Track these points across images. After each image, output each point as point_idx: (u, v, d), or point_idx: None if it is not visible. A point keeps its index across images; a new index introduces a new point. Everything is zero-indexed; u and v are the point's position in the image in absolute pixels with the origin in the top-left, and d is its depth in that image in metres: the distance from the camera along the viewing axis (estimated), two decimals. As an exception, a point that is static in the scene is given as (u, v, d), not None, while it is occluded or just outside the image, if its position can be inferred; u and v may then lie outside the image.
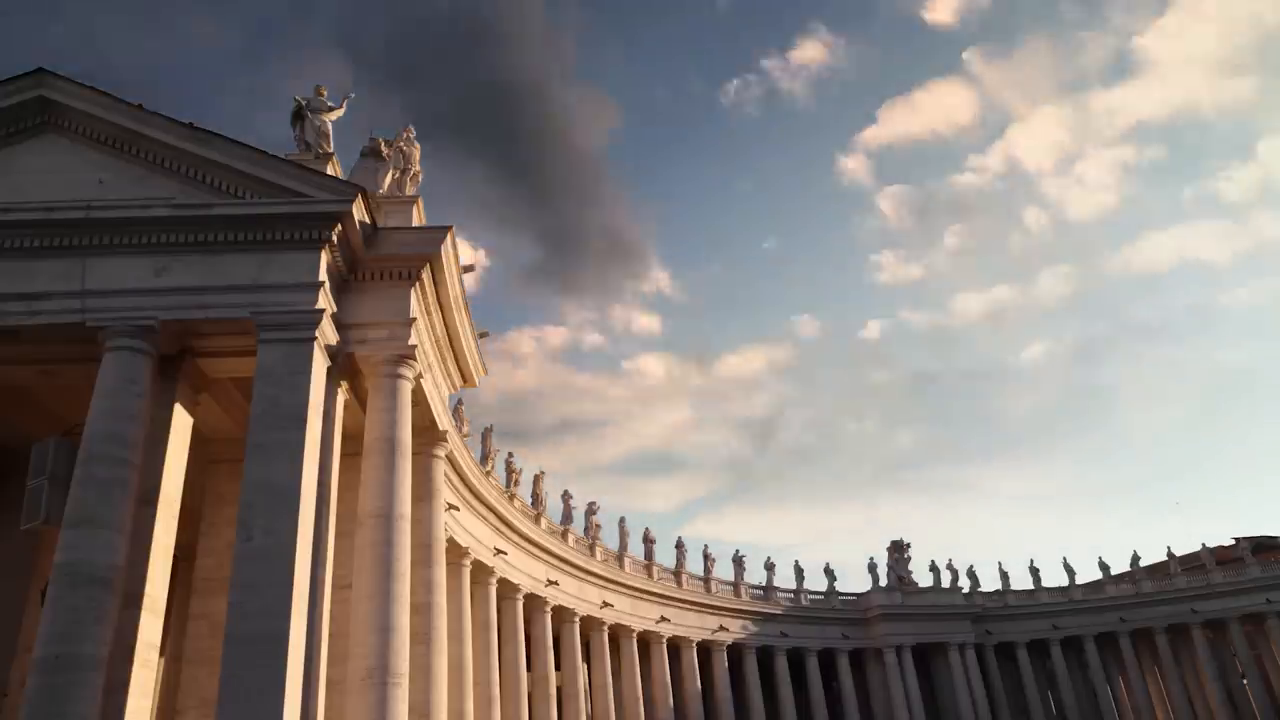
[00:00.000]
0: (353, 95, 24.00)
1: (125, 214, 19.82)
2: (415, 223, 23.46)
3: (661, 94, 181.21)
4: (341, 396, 21.70)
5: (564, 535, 52.91)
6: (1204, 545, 79.62)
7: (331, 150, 22.53)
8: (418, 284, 22.34)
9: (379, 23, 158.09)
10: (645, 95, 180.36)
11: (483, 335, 27.65)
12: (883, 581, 76.34)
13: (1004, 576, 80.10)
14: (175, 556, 20.10)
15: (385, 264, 22.05)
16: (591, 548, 56.01)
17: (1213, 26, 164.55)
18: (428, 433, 25.21)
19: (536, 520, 49.22)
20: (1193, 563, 79.03)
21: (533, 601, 47.97)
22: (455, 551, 36.80)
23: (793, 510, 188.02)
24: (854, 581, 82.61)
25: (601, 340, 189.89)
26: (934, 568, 78.16)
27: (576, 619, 52.38)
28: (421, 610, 22.70)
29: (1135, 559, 79.87)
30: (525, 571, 46.68)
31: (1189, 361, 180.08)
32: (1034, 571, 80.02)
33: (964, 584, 78.38)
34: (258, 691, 16.02)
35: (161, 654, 21.50)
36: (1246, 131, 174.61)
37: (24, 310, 19.40)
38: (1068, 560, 79.60)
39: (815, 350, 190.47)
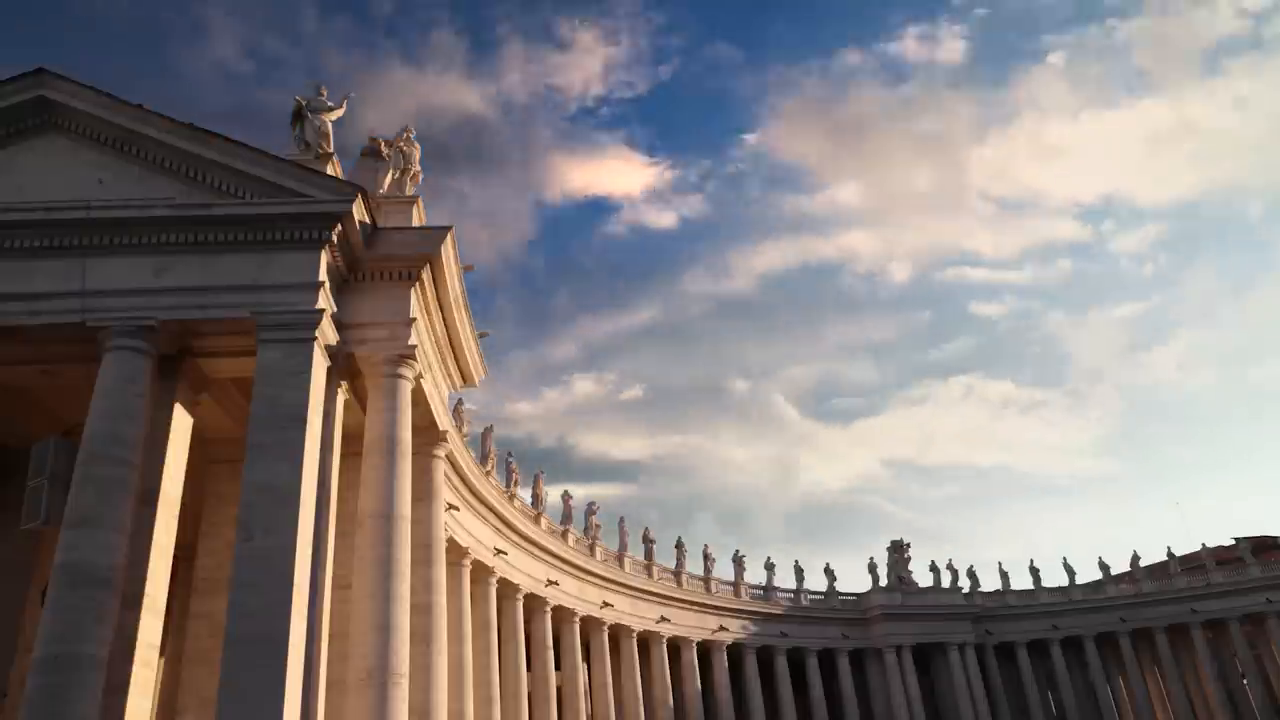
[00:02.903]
0: (353, 95, 24.00)
1: (125, 214, 19.84)
2: (415, 223, 23.46)
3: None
4: (341, 396, 21.70)
5: (564, 535, 52.90)
6: (1204, 545, 79.69)
7: (331, 150, 22.50)
8: (418, 284, 22.34)
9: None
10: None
11: (483, 335, 27.66)
12: (883, 581, 76.32)
13: (1004, 576, 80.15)
14: (175, 556, 20.11)
15: (385, 264, 22.05)
16: (591, 548, 55.99)
17: None
18: (428, 433, 25.20)
19: (536, 520, 49.21)
20: (1193, 563, 79.02)
21: (533, 601, 47.96)
22: (455, 551, 36.79)
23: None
24: (854, 581, 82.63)
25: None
26: (934, 568, 78.21)
27: (576, 619, 52.36)
28: (421, 610, 22.69)
29: (1135, 559, 79.85)
30: (525, 571, 46.67)
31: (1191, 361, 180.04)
32: (1034, 571, 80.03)
33: (964, 584, 78.37)
34: (258, 691, 16.02)
35: (161, 654, 21.49)
36: None
37: (24, 310, 19.40)
38: (1068, 560, 79.77)
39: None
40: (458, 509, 37.22)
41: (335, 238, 20.43)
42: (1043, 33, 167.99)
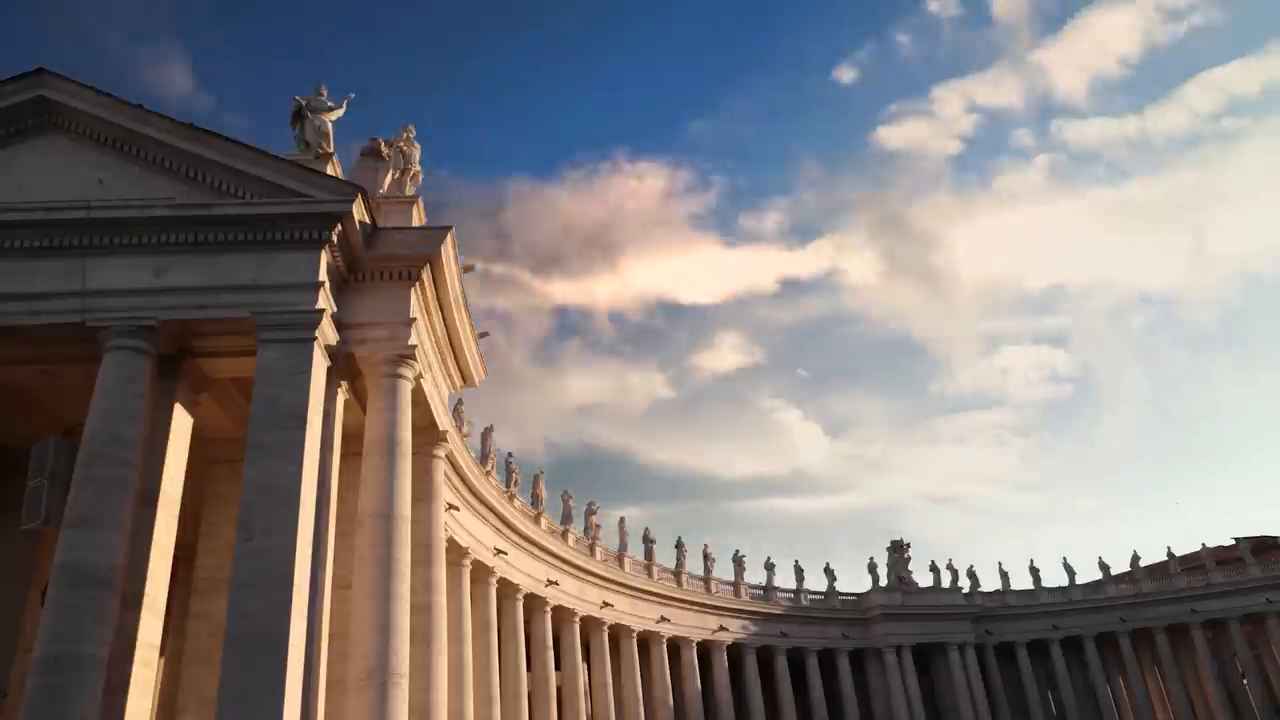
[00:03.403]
0: (352, 96, 23.95)
1: (125, 214, 19.83)
2: (415, 223, 23.45)
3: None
4: (341, 396, 21.69)
5: (564, 535, 52.89)
6: (1204, 545, 79.69)
7: (332, 150, 22.49)
8: (418, 284, 22.33)
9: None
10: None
11: (483, 335, 27.64)
12: (883, 581, 76.32)
13: (1004, 576, 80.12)
14: (175, 556, 20.11)
15: (385, 264, 22.04)
16: (591, 548, 55.99)
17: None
18: (428, 433, 25.20)
19: (536, 520, 49.21)
20: (1193, 563, 79.01)
21: (533, 601, 47.95)
22: (455, 551, 36.79)
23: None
24: (854, 581, 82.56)
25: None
26: (934, 568, 78.23)
27: (576, 619, 52.36)
28: (421, 610, 22.69)
29: (1135, 559, 79.83)
30: (525, 571, 46.67)
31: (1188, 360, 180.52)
32: (1034, 571, 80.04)
33: (964, 584, 78.36)
34: (257, 691, 16.02)
35: (161, 654, 21.49)
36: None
37: (24, 310, 19.40)
38: (1068, 560, 79.76)
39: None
40: (458, 509, 37.23)
41: (335, 238, 20.43)
42: (1019, 128, 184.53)
